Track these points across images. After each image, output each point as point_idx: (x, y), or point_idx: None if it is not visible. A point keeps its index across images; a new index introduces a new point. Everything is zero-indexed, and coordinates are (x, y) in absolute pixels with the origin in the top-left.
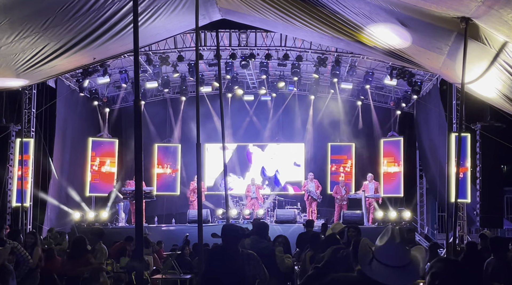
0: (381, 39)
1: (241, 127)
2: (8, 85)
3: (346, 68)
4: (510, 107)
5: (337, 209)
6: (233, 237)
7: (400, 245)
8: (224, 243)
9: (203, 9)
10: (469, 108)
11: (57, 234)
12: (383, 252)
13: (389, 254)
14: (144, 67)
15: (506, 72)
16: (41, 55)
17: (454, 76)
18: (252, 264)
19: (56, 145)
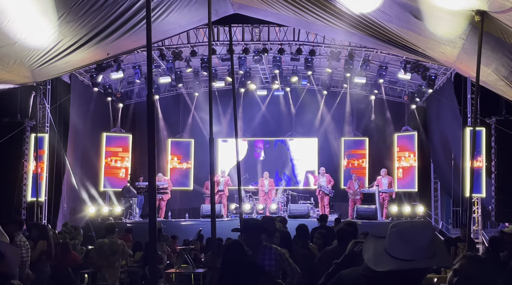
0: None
1: (254, 122)
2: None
3: (360, 62)
4: None
5: (350, 204)
6: (255, 231)
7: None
8: (245, 237)
9: (216, 4)
10: (484, 102)
11: (71, 228)
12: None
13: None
14: (157, 62)
15: None
16: (55, 50)
17: (469, 69)
18: (275, 258)
19: (70, 140)
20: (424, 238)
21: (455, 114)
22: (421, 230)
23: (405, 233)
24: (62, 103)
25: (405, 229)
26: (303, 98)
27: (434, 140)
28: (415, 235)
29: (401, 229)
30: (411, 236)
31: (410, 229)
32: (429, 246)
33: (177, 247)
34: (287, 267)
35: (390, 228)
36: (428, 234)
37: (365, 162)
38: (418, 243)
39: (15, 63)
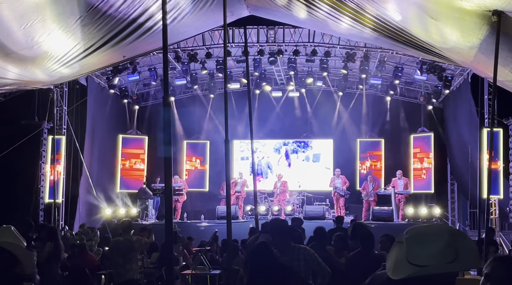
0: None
1: (269, 124)
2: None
3: (375, 63)
4: None
5: (365, 205)
6: (283, 231)
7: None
8: (272, 238)
9: (231, 5)
10: (501, 103)
11: (88, 229)
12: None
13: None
14: (172, 64)
15: None
16: (72, 53)
17: (486, 70)
18: (304, 259)
19: (87, 142)
20: (438, 242)
21: (472, 115)
22: (435, 234)
23: (419, 238)
24: (79, 106)
25: (418, 234)
26: (318, 99)
27: (451, 141)
28: (428, 239)
29: (414, 233)
30: (424, 240)
31: (423, 233)
32: (445, 250)
33: (193, 248)
34: (316, 267)
35: (405, 234)
36: (442, 238)
37: (380, 163)
38: (432, 248)
39: (33, 66)
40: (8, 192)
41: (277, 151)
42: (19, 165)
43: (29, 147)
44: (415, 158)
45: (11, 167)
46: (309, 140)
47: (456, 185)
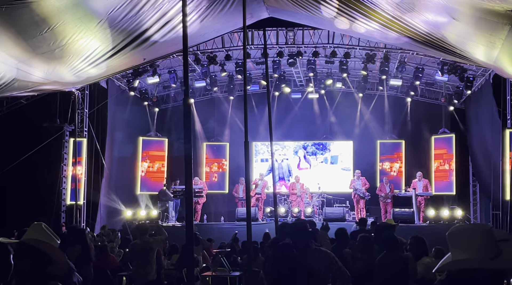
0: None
1: (288, 126)
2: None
3: (395, 64)
4: None
5: (382, 207)
6: (303, 233)
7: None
8: (293, 239)
9: (251, 8)
10: None
11: (109, 231)
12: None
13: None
14: (192, 66)
15: None
16: (93, 56)
17: (508, 70)
18: (325, 261)
19: (108, 144)
20: (477, 237)
21: (494, 116)
22: (475, 230)
23: (459, 233)
24: (100, 108)
25: (458, 230)
26: (338, 101)
27: (473, 142)
28: (468, 234)
29: (455, 230)
30: (464, 235)
31: (463, 229)
32: (485, 245)
33: (213, 250)
34: (337, 270)
35: (447, 232)
36: (482, 234)
37: (401, 164)
38: (471, 242)
39: (55, 69)
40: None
41: (296, 153)
42: (41, 168)
43: (51, 150)
44: (436, 160)
45: (33, 169)
46: (328, 142)
47: (478, 186)
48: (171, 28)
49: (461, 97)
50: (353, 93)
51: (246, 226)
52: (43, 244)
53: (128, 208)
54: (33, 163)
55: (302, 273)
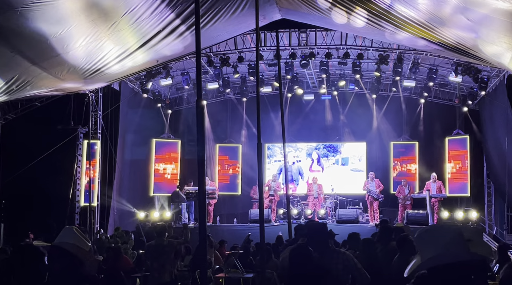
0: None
1: (301, 127)
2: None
3: (409, 65)
4: None
5: (400, 209)
6: (321, 233)
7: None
8: (309, 240)
9: (263, 9)
10: None
11: (123, 233)
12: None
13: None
14: (205, 68)
15: None
16: (106, 59)
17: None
18: (343, 263)
19: (120, 146)
20: (446, 234)
21: (508, 117)
22: (441, 228)
23: (424, 236)
24: (113, 110)
25: (423, 233)
26: (351, 102)
27: (488, 143)
28: (435, 235)
29: (421, 232)
30: (433, 234)
31: (428, 231)
32: (453, 243)
33: (226, 251)
34: (355, 271)
35: (415, 237)
36: (450, 230)
37: (415, 166)
38: (441, 238)
39: (68, 71)
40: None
41: (309, 156)
42: (55, 169)
43: (65, 151)
44: (450, 161)
45: (48, 171)
46: (339, 144)
47: (493, 188)
48: (184, 30)
49: (475, 98)
50: (366, 94)
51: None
52: (73, 247)
53: (141, 210)
54: (47, 165)
55: (320, 273)
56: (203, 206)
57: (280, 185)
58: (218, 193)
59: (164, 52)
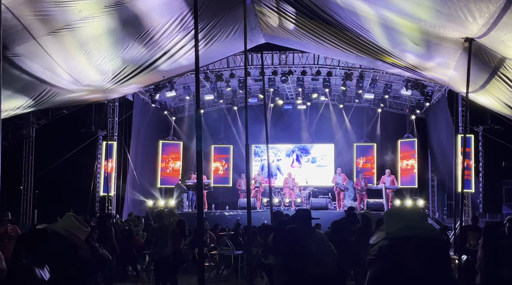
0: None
1: (281, 131)
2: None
3: (369, 81)
4: (508, 112)
5: (358, 198)
6: (306, 219)
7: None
8: (297, 224)
9: (251, 35)
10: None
11: (135, 217)
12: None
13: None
14: (202, 83)
15: (504, 83)
16: (121, 75)
17: (460, 86)
18: (316, 241)
19: (133, 146)
20: (411, 213)
21: (448, 124)
22: (408, 210)
23: (393, 212)
24: (127, 117)
25: (392, 210)
26: (322, 111)
27: (432, 145)
28: (402, 212)
29: (388, 210)
30: (398, 212)
31: (397, 209)
32: (418, 218)
33: (219, 233)
34: (326, 247)
35: (384, 214)
36: (414, 212)
37: (373, 163)
38: (405, 216)
39: (91, 84)
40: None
41: (288, 156)
42: (79, 165)
43: (87, 151)
44: (401, 159)
45: (73, 167)
46: (314, 145)
47: (436, 181)
48: (186, 52)
49: (422, 108)
50: (335, 104)
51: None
52: (68, 233)
53: (150, 199)
54: (72, 162)
55: (304, 251)
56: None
57: (264, 179)
58: (213, 185)
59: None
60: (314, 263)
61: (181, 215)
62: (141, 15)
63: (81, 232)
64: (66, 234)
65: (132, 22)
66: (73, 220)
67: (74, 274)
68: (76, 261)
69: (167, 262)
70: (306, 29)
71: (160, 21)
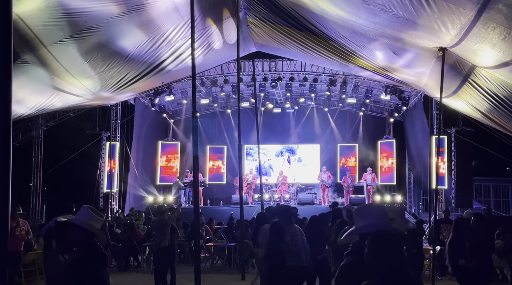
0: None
1: (271, 132)
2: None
3: (351, 87)
4: (477, 115)
5: (345, 194)
6: (287, 214)
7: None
8: (280, 219)
9: (243, 44)
10: (446, 117)
11: (136, 212)
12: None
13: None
14: (199, 88)
15: (474, 89)
16: (124, 80)
17: (434, 92)
18: (291, 235)
19: (134, 146)
20: (375, 211)
21: (424, 126)
22: (371, 207)
23: (360, 209)
24: (129, 120)
25: (360, 208)
26: (308, 114)
27: (409, 145)
28: (369, 209)
29: (357, 208)
30: (365, 210)
31: (363, 207)
32: (381, 216)
33: (214, 226)
34: (298, 241)
35: (353, 211)
36: (380, 207)
37: (355, 162)
38: (373, 212)
39: (95, 89)
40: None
41: (277, 156)
42: (85, 164)
43: (92, 150)
44: (381, 158)
45: (79, 165)
46: (301, 145)
47: (412, 178)
48: (183, 60)
49: (400, 111)
50: (320, 108)
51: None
52: (86, 223)
53: (150, 195)
54: (78, 161)
55: (285, 243)
56: (197, 192)
57: (255, 177)
58: (208, 182)
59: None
60: (290, 255)
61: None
62: (141, 26)
63: (97, 221)
64: (85, 225)
65: (134, 31)
66: (89, 211)
67: (95, 257)
68: (95, 246)
69: (165, 253)
70: (294, 39)
71: (159, 31)
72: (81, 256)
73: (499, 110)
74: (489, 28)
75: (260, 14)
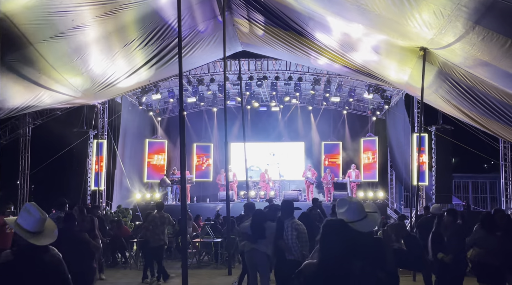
0: (361, 64)
1: (257, 130)
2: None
3: (335, 86)
4: (457, 113)
5: (325, 191)
6: (288, 209)
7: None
8: (281, 214)
9: (229, 43)
10: (426, 115)
11: (123, 209)
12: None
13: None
14: (185, 87)
15: (453, 87)
16: (111, 79)
17: (415, 91)
18: (288, 230)
19: (121, 144)
20: (353, 205)
21: (405, 124)
22: (352, 201)
23: (341, 202)
24: (116, 118)
25: (341, 201)
26: (293, 112)
27: (391, 143)
28: (346, 202)
29: (339, 201)
30: (344, 203)
31: (344, 199)
32: (358, 210)
33: (201, 222)
34: (290, 236)
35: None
36: (356, 204)
37: (339, 159)
38: (349, 207)
39: (83, 87)
40: (64, 182)
41: (263, 153)
42: (72, 162)
43: (79, 148)
44: (364, 156)
45: (66, 163)
46: (286, 143)
47: (394, 175)
48: (170, 58)
49: (382, 110)
50: (305, 107)
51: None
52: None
53: (137, 192)
54: (65, 159)
55: (281, 239)
56: (184, 190)
57: (235, 174)
58: (195, 180)
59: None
60: (286, 250)
61: (166, 206)
62: (129, 25)
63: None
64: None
65: (121, 30)
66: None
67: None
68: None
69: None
70: (279, 38)
71: (146, 30)
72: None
73: (476, 108)
74: (469, 28)
75: (246, 14)
